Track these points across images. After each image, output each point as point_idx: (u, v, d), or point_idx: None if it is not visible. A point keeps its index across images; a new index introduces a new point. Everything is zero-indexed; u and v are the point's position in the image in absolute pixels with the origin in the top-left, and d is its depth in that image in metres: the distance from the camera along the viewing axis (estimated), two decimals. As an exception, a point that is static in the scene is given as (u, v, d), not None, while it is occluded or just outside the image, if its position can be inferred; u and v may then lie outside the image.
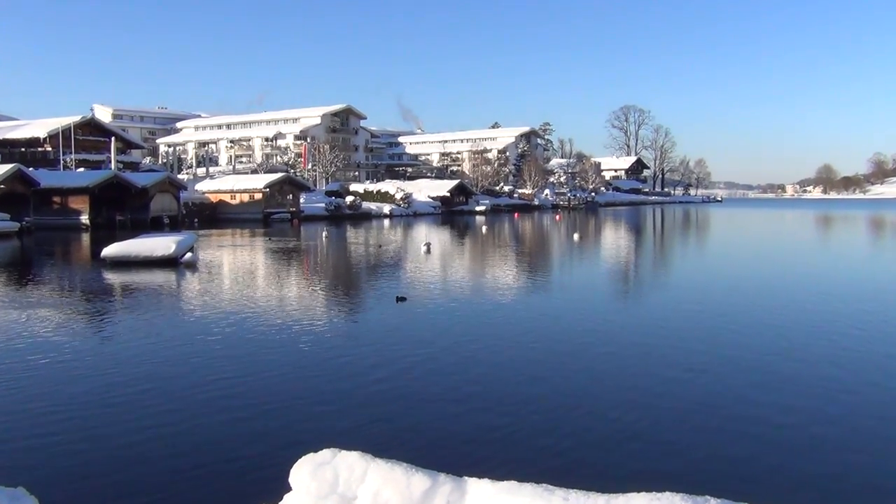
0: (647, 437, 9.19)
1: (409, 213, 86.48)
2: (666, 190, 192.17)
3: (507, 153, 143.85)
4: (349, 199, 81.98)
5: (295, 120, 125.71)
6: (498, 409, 10.23)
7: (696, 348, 14.28)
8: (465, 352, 13.91)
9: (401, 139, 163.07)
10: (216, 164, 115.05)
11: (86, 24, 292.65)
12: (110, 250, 30.42)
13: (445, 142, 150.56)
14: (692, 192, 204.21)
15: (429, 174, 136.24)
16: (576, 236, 46.73)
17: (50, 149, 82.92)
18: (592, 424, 9.67)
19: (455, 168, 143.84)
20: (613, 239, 49.06)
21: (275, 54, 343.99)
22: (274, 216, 72.55)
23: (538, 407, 10.36)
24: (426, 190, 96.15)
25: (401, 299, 19.68)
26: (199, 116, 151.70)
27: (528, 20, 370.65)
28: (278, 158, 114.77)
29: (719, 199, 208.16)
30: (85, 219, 59.94)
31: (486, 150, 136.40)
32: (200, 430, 9.50)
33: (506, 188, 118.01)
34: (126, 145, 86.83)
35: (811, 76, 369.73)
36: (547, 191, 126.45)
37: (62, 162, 79.53)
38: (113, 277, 26.46)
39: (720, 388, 11.39)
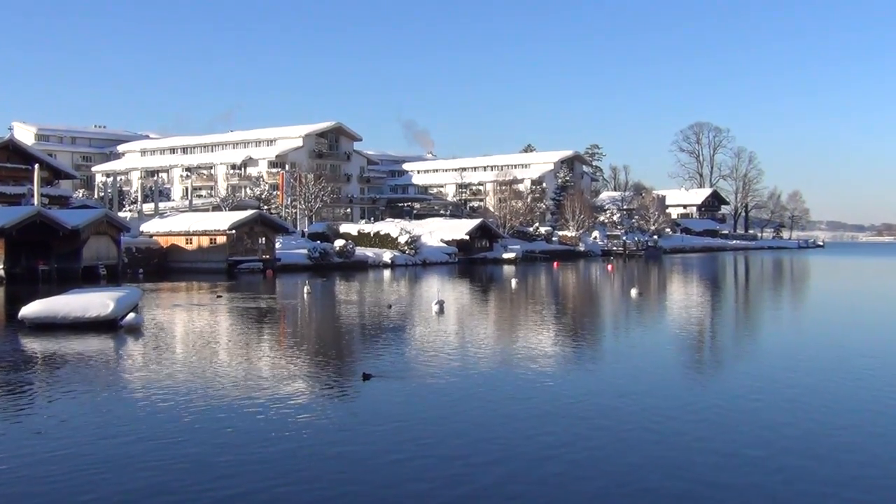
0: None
1: (416, 262, 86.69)
2: (751, 232, 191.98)
3: (544, 184, 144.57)
4: (339, 243, 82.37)
5: (270, 142, 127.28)
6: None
7: (791, 447, 14.09)
8: (467, 462, 13.79)
9: (406, 166, 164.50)
10: (168, 198, 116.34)
11: None
12: (30, 310, 30.65)
13: (464, 170, 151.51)
14: (785, 234, 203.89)
15: (442, 211, 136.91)
16: (633, 292, 46.58)
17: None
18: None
19: (476, 203, 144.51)
20: (683, 297, 48.83)
21: (246, 61, 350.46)
22: (242, 266, 72.94)
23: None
24: (439, 232, 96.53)
25: (367, 377, 19.62)
26: (147, 137, 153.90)
27: (563, 19, 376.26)
28: (248, 191, 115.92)
29: (820, 243, 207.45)
30: (-1, 269, 60.42)
31: (516, 181, 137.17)
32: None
33: (542, 229, 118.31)
34: (53, 174, 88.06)
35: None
36: (596, 233, 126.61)
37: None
38: (32, 345, 26.60)
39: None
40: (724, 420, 15.82)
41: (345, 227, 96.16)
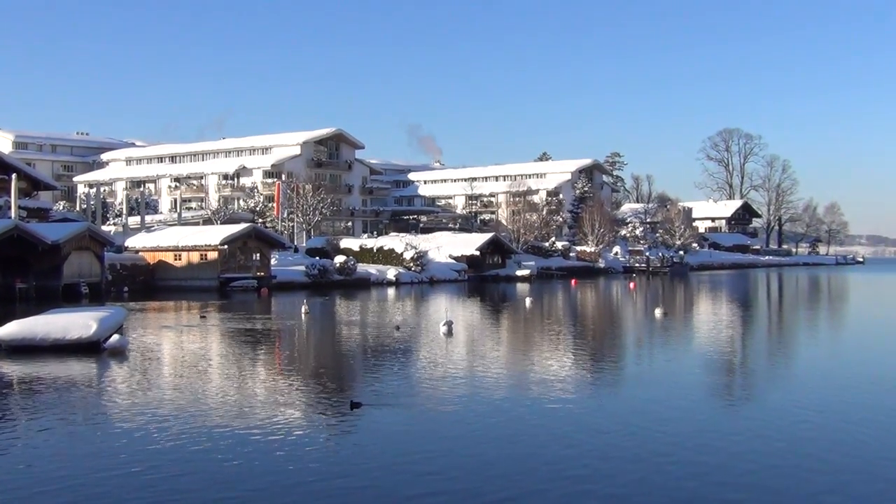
0: None
1: (422, 280, 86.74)
2: (785, 247, 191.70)
3: (561, 195, 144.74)
4: (339, 259, 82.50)
5: (265, 150, 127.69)
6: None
7: (831, 486, 14.03)
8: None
9: (412, 176, 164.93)
10: (155, 210, 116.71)
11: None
12: (6, 331, 30.73)
13: (474, 180, 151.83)
14: (822, 249, 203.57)
15: (451, 225, 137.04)
16: (658, 313, 46.48)
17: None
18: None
19: (487, 216, 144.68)
20: (711, 318, 48.71)
21: (239, 63, 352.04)
22: (234, 284, 73.08)
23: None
24: (447, 247, 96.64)
25: (355, 405, 19.58)
26: (133, 145, 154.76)
27: (581, 19, 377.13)
28: (241, 203, 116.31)
29: (860, 258, 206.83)
30: (-27, 287, 60.67)
31: (530, 192, 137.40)
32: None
33: (558, 244, 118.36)
34: (32, 185, 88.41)
35: None
36: (617, 248, 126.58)
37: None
38: (8, 370, 26.64)
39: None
40: (757, 451, 15.75)
41: (345, 242, 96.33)
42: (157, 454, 15.69)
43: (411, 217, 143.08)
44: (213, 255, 74.16)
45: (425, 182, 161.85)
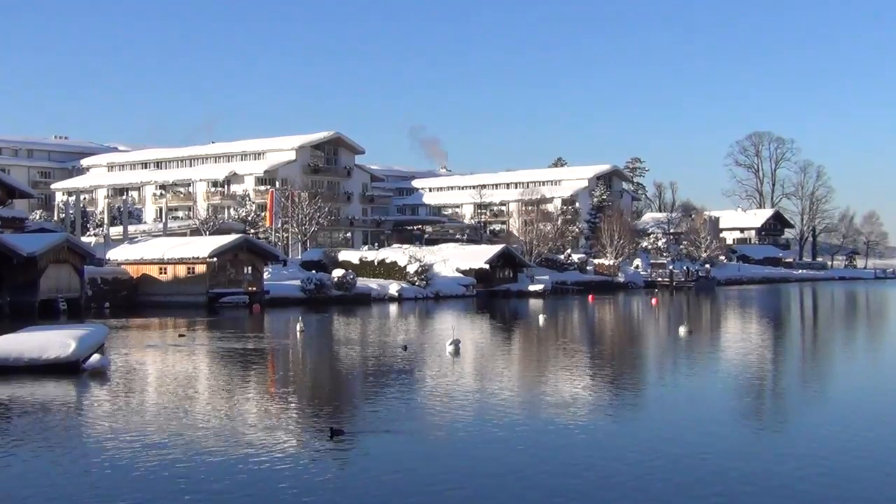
0: None
1: (427, 295, 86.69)
2: (819, 260, 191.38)
3: (577, 204, 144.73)
4: (337, 273, 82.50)
5: (258, 155, 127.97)
6: None
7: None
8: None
9: (416, 183, 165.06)
10: (139, 220, 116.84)
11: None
12: (-21, 351, 30.73)
13: (483, 187, 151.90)
14: (859, 262, 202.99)
15: (458, 236, 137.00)
16: (682, 331, 46.38)
17: None
18: None
19: (497, 226, 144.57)
20: (740, 336, 48.62)
21: (231, 62, 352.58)
22: (224, 299, 73.06)
23: None
24: (454, 259, 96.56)
25: (336, 433, 19.53)
26: (115, 150, 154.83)
27: (598, 15, 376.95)
28: (232, 212, 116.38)
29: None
30: (-57, 302, 60.73)
31: (544, 200, 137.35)
32: None
33: (574, 257, 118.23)
34: (6, 193, 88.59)
35: None
36: (638, 261, 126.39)
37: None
38: (-19, 392, 26.69)
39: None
40: (791, 484, 15.71)
41: (344, 255, 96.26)
42: (139, 483, 15.71)
43: (415, 227, 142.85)
44: (201, 269, 74.12)
45: (430, 190, 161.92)
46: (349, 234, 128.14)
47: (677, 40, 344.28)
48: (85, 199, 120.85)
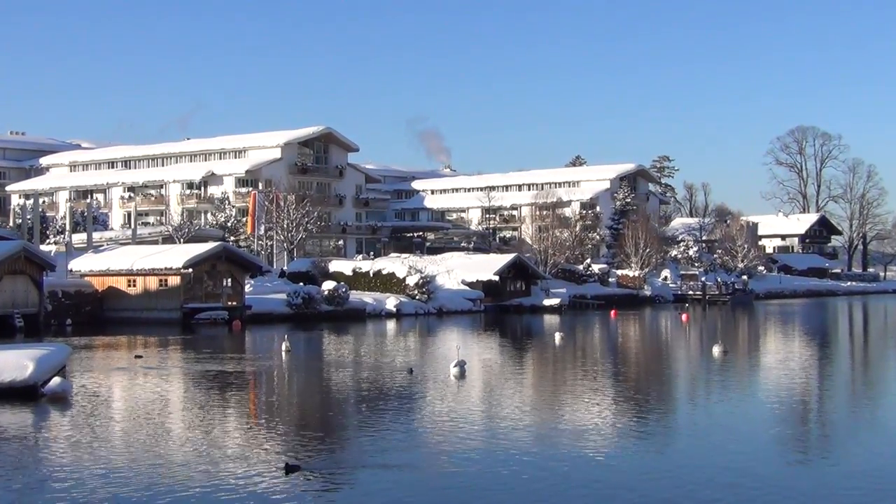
0: None
1: (429, 311, 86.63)
2: (871, 270, 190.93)
3: (598, 208, 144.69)
4: (328, 285, 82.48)
5: (239, 153, 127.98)
6: None
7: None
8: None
9: (416, 185, 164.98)
10: (105, 226, 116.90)
11: None
12: (-76, 373, 30.74)
13: (491, 189, 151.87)
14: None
15: (464, 244, 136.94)
16: (716, 350, 46.29)
17: None
18: None
19: (508, 233, 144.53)
20: (781, 357, 48.55)
21: (209, 48, 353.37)
22: (200, 315, 73.02)
23: None
24: (459, 270, 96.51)
25: (291, 469, 19.51)
26: (79, 147, 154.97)
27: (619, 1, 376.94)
28: (209, 217, 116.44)
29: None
30: None
31: (560, 203, 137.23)
32: None
33: (595, 267, 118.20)
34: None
35: None
36: (666, 272, 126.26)
37: None
38: (-74, 419, 26.67)
39: None
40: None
41: (335, 265, 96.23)
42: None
43: (415, 234, 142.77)
44: (174, 281, 74.13)
45: (432, 192, 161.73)
46: (341, 242, 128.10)
47: (709, 27, 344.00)
48: (44, 202, 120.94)
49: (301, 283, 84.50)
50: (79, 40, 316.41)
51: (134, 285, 75.13)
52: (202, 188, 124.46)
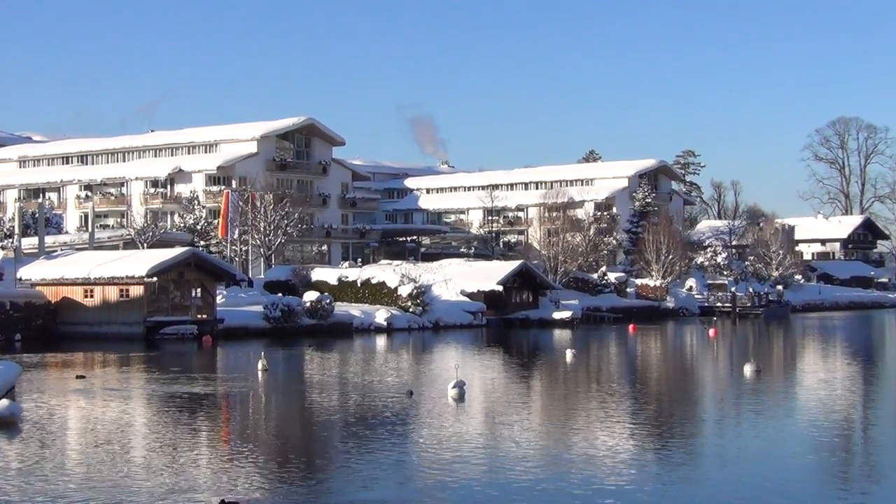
0: None
1: (425, 325, 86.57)
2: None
3: (614, 209, 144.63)
4: (310, 296, 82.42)
5: (210, 147, 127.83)
6: None
7: None
8: None
9: (410, 183, 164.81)
10: (59, 229, 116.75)
11: None
12: None
13: (494, 188, 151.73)
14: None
15: (463, 249, 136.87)
16: (748, 370, 46.30)
17: None
18: None
19: (513, 237, 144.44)
20: (821, 377, 48.52)
21: (178, 31, 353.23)
22: (166, 329, 72.89)
23: None
24: (458, 279, 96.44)
25: None
26: (30, 140, 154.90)
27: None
28: (177, 219, 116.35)
29: None
30: None
31: (572, 204, 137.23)
32: None
33: (611, 276, 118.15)
34: None
35: None
36: (691, 281, 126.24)
37: None
38: None
39: None
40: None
41: (319, 273, 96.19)
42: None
43: (409, 238, 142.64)
44: (136, 291, 73.98)
45: (428, 191, 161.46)
46: (325, 248, 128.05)
47: (738, 5, 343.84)
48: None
49: (280, 294, 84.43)
50: (28, 19, 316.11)
51: (91, 296, 74.97)
52: (168, 186, 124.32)
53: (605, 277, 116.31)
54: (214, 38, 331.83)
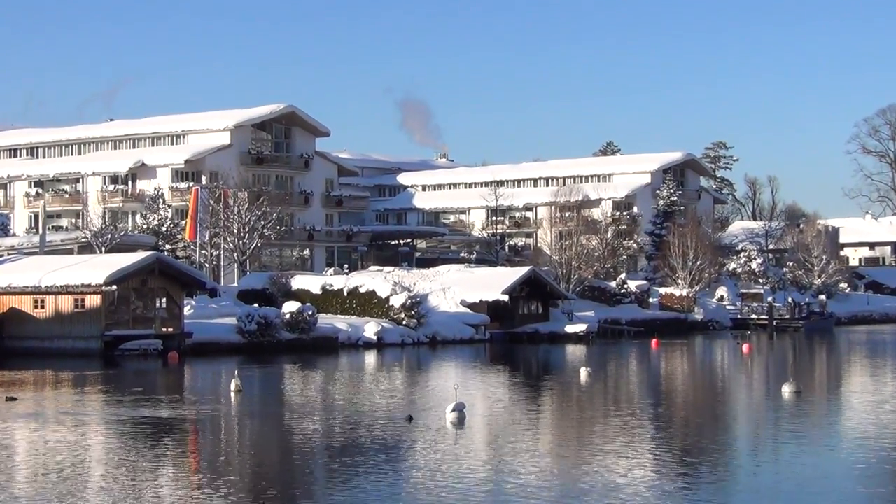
0: None
1: (420, 339, 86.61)
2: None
3: (635, 208, 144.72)
4: (290, 307, 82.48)
5: (177, 138, 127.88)
6: None
7: None
8: None
9: (403, 178, 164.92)
10: (6, 231, 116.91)
11: None
12: None
13: (499, 184, 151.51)
14: None
15: (464, 254, 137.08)
16: (787, 390, 46.38)
17: None
18: None
19: (520, 240, 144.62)
20: (869, 398, 48.59)
21: (142, 10, 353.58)
22: (127, 345, 72.89)
23: None
24: (458, 288, 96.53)
25: None
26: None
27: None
28: (139, 220, 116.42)
29: None
30: None
31: (587, 203, 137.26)
32: None
33: (631, 284, 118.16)
34: None
35: None
36: (723, 290, 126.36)
37: None
38: None
39: None
40: None
41: (300, 282, 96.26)
42: None
43: (402, 242, 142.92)
44: (93, 302, 73.97)
45: (424, 188, 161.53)
46: (307, 252, 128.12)
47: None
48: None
49: (255, 305, 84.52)
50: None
51: (42, 307, 74.97)
52: (129, 183, 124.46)
53: (625, 286, 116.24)
54: (181, 16, 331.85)
